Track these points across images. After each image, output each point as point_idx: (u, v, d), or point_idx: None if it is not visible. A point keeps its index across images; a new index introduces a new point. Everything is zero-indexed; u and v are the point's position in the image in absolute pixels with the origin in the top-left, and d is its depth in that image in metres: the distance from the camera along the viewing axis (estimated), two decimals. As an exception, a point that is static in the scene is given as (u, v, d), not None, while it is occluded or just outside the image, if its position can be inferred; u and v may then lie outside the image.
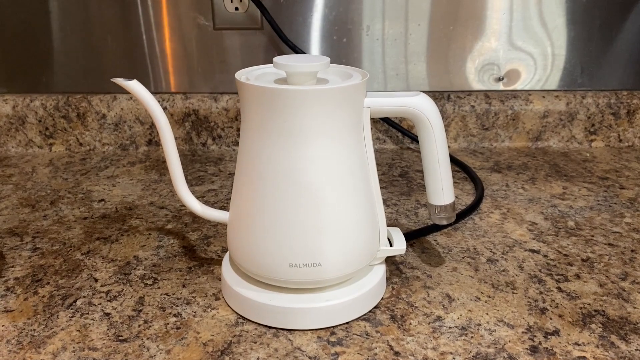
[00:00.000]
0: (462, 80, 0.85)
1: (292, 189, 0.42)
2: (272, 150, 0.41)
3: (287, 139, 0.41)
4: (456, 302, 0.48)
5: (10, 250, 0.56)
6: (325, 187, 0.42)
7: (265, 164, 0.42)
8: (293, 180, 0.41)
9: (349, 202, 0.43)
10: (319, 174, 0.42)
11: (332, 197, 0.42)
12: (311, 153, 0.41)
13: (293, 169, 0.41)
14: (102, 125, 0.84)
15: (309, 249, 0.42)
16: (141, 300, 0.48)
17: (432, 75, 0.85)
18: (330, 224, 0.42)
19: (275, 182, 0.42)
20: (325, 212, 0.42)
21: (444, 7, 0.81)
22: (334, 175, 0.42)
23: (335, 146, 0.42)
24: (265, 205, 0.42)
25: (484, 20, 0.82)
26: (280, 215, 0.42)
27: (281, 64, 0.42)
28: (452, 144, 0.86)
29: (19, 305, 0.47)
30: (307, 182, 0.41)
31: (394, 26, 0.82)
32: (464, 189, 0.70)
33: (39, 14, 0.81)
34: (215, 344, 0.42)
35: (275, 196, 0.42)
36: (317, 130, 0.41)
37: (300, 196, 0.42)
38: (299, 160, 0.41)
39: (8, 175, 0.75)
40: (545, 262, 0.54)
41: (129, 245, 0.57)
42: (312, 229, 0.42)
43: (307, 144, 0.41)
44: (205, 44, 0.82)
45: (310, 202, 0.42)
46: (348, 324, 0.45)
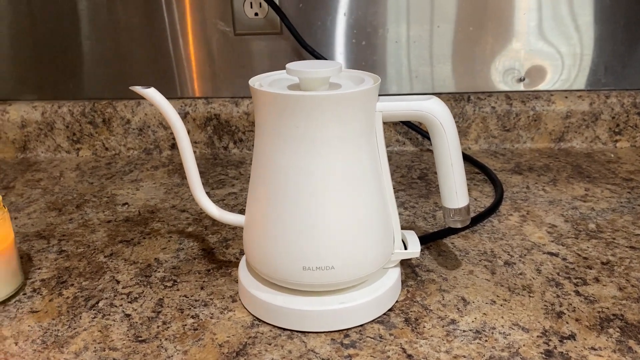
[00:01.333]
0: (483, 82, 0.84)
1: (304, 193, 0.42)
2: (284, 155, 0.42)
3: (299, 144, 0.42)
4: (471, 305, 0.47)
5: (37, 253, 0.58)
6: (337, 192, 0.42)
7: (277, 168, 0.43)
8: (305, 185, 0.42)
9: (362, 206, 0.43)
10: (330, 178, 0.42)
11: (344, 201, 0.43)
12: (322, 158, 0.42)
13: (305, 174, 0.42)
14: (127, 130, 0.86)
15: (322, 252, 0.43)
16: (160, 301, 0.49)
17: (452, 77, 0.84)
18: (342, 228, 0.43)
19: (288, 186, 0.42)
20: (337, 216, 0.43)
21: (463, 8, 0.81)
22: (346, 180, 0.42)
23: (347, 151, 0.42)
24: (279, 209, 0.43)
25: (504, 21, 0.81)
26: (293, 219, 0.43)
27: (293, 70, 0.43)
28: (473, 145, 0.85)
29: (45, 306, 0.49)
30: (319, 187, 0.42)
31: (413, 28, 0.82)
32: (484, 191, 0.70)
33: (67, 23, 0.83)
34: (231, 345, 0.43)
35: (287, 200, 0.43)
36: (328, 135, 0.41)
37: (313, 200, 0.42)
38: (310, 164, 0.42)
39: (37, 180, 0.78)
40: (564, 265, 0.53)
41: (151, 248, 0.58)
42: (325, 233, 0.43)
43: (318, 148, 0.42)
44: (226, 49, 0.84)
45: (323, 206, 0.42)
46: (362, 326, 0.45)
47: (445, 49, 0.83)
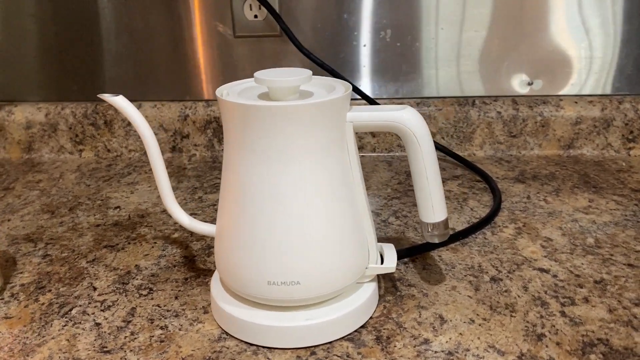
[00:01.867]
0: (489, 85, 0.81)
1: (269, 206, 0.41)
2: (248, 166, 0.41)
3: (262, 155, 0.40)
4: (448, 324, 0.45)
5: (23, 257, 0.58)
6: (303, 205, 0.41)
7: (242, 180, 0.42)
8: (269, 198, 0.41)
9: (330, 220, 0.42)
10: (296, 191, 0.41)
11: (311, 215, 0.41)
12: (287, 170, 0.40)
13: (269, 186, 0.41)
14: (128, 132, 0.86)
15: (287, 267, 0.41)
16: (133, 311, 0.49)
17: (455, 81, 0.82)
18: (308, 243, 0.41)
19: (253, 198, 0.41)
20: (303, 231, 0.41)
21: (467, 10, 0.78)
22: (313, 193, 0.41)
23: (314, 162, 0.41)
24: (244, 221, 0.42)
25: (511, 22, 0.78)
26: (258, 232, 0.41)
27: (261, 78, 0.41)
28: (478, 151, 0.82)
29: (19, 312, 0.49)
30: (283, 200, 0.41)
31: (415, 31, 0.80)
32: (482, 201, 0.67)
33: (71, 28, 0.84)
34: (194, 359, 0.42)
35: (253, 213, 0.41)
36: (292, 146, 0.40)
37: (278, 214, 0.41)
38: (274, 177, 0.40)
39: (37, 181, 0.79)
40: (553, 282, 0.51)
41: (133, 254, 0.58)
42: (290, 248, 0.41)
43: (282, 160, 0.40)
44: (226, 51, 0.83)
45: (288, 220, 0.41)
46: (331, 343, 0.44)
47: (449, 52, 0.80)
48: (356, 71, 0.82)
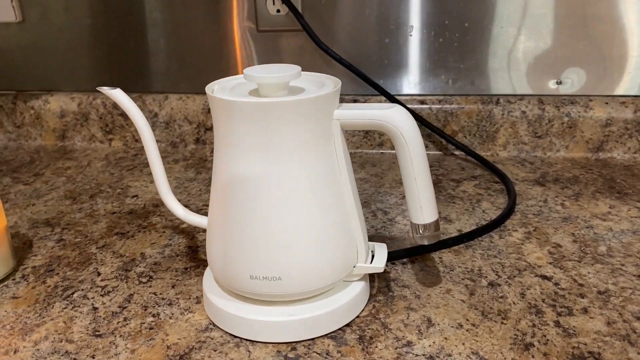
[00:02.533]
0: (515, 84, 0.79)
1: (251, 200, 0.41)
2: (232, 161, 0.41)
3: (245, 150, 0.41)
4: (435, 327, 0.45)
5: (39, 240, 0.61)
6: (285, 201, 0.41)
7: (226, 175, 0.42)
8: (252, 192, 0.41)
9: (312, 218, 0.42)
10: (278, 187, 0.41)
11: (292, 211, 0.41)
12: (269, 166, 0.41)
13: (251, 181, 0.41)
14: (155, 123, 0.88)
15: (268, 262, 0.42)
16: (130, 297, 0.50)
17: (481, 77, 0.79)
18: (290, 239, 0.42)
19: (236, 193, 0.42)
20: (285, 227, 0.41)
21: (495, 5, 0.75)
22: (295, 189, 0.41)
23: (297, 159, 0.41)
24: (228, 215, 0.43)
25: (539, 18, 0.75)
26: (241, 226, 0.42)
27: (249, 75, 0.42)
28: (501, 151, 0.80)
29: (26, 293, 0.52)
30: (265, 195, 0.41)
31: (440, 26, 0.78)
32: (495, 203, 0.66)
33: (100, 21, 0.87)
34: (178, 347, 0.43)
35: (236, 207, 0.42)
36: (274, 142, 0.40)
37: (260, 209, 0.41)
38: (256, 172, 0.41)
39: (66, 168, 0.82)
40: (553, 290, 0.49)
41: (141, 242, 0.60)
42: (272, 243, 0.41)
43: (265, 156, 0.40)
44: (249, 46, 0.84)
45: (270, 216, 0.41)
46: (313, 340, 0.44)
47: (473, 48, 0.78)
48: (378, 67, 0.81)
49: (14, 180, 0.79)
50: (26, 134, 0.93)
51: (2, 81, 0.94)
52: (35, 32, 0.90)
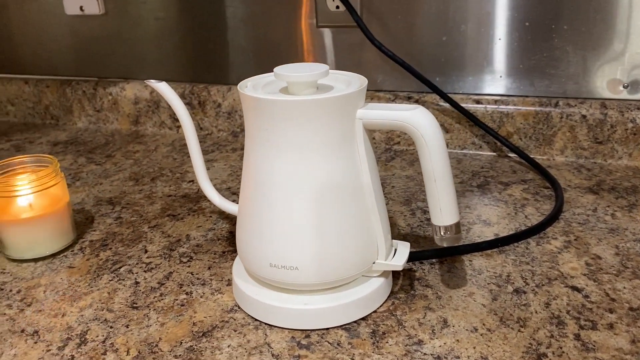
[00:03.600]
0: (577, 86, 0.76)
1: (274, 193, 0.44)
2: (258, 154, 0.44)
3: (270, 144, 0.43)
4: (449, 329, 0.45)
5: (100, 217, 0.67)
6: (304, 195, 0.43)
7: (252, 167, 0.45)
8: (275, 185, 0.43)
9: (331, 213, 0.43)
10: (299, 182, 0.43)
11: (311, 205, 0.43)
12: (290, 160, 0.43)
13: (275, 174, 0.43)
14: (218, 113, 0.93)
15: (287, 252, 0.44)
16: (169, 275, 0.54)
17: (541, 79, 0.77)
18: (308, 232, 0.43)
19: (261, 185, 0.44)
20: (303, 220, 0.43)
21: (557, 5, 0.73)
22: (315, 185, 0.43)
23: (319, 155, 0.43)
24: (253, 205, 0.45)
25: (605, 19, 0.71)
26: (264, 216, 0.44)
27: (278, 73, 0.44)
28: (558, 156, 0.77)
29: (81, 264, 0.57)
30: (286, 188, 0.43)
31: (499, 25, 0.76)
32: (541, 209, 0.64)
33: (173, 14, 0.92)
34: (203, 325, 0.47)
35: (260, 198, 0.44)
36: (296, 139, 0.42)
37: (281, 201, 0.43)
38: (279, 166, 0.43)
39: (135, 151, 0.89)
40: (581, 303, 0.47)
41: (189, 225, 0.64)
42: (291, 234, 0.44)
43: (287, 151, 0.42)
44: (309, 40, 0.86)
45: (290, 208, 0.43)
46: (327, 330, 0.46)
47: (534, 49, 0.76)
48: (435, 64, 0.81)
49: (88, 160, 0.86)
50: (104, 118, 1.01)
51: (86, 68, 1.02)
52: (115, 24, 0.97)
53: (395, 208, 0.66)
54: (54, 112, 1.05)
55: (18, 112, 1.08)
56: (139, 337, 0.46)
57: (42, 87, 1.04)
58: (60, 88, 1.03)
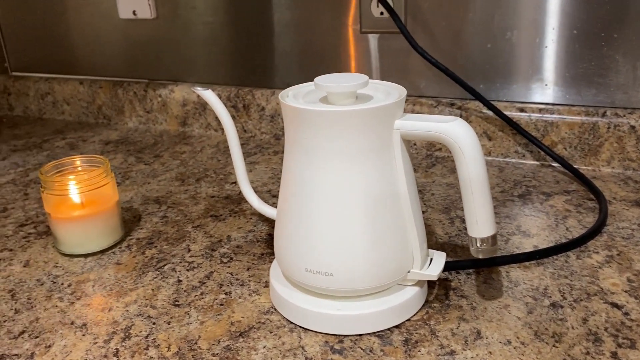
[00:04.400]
0: (625, 96, 0.74)
1: (312, 200, 0.45)
2: (296, 162, 0.45)
3: (309, 152, 0.44)
4: (482, 340, 0.45)
5: (147, 215, 0.70)
6: (341, 203, 0.44)
7: (290, 174, 0.46)
8: (313, 192, 0.45)
9: (367, 221, 0.44)
10: (337, 190, 0.44)
11: (347, 213, 0.44)
12: (329, 169, 0.44)
13: (313, 182, 0.44)
14: (262, 116, 0.95)
15: (322, 258, 0.45)
16: (210, 274, 0.56)
17: (588, 88, 0.75)
18: (343, 239, 0.44)
19: (300, 191, 0.45)
20: (339, 227, 0.44)
21: (606, 11, 0.71)
22: (352, 193, 0.44)
23: (357, 165, 0.43)
24: (292, 211, 0.46)
25: (659, 27, 0.69)
26: (301, 222, 0.46)
27: (319, 84, 0.45)
28: (604, 167, 0.75)
29: (128, 260, 0.60)
30: (324, 196, 0.44)
31: (546, 32, 0.75)
32: (583, 222, 0.63)
33: (221, 19, 0.95)
34: (240, 325, 0.48)
35: (299, 204, 0.46)
36: (336, 148, 0.43)
37: (319, 208, 0.44)
38: (316, 174, 0.44)
39: (182, 152, 0.92)
40: (620, 320, 0.47)
41: (230, 225, 0.66)
42: (326, 241, 0.45)
43: (327, 160, 0.43)
44: (353, 46, 0.87)
45: (327, 215, 0.44)
46: (360, 336, 0.46)
47: (582, 57, 0.74)
48: (479, 72, 0.80)
49: (137, 159, 0.89)
50: (154, 118, 1.05)
51: (138, 70, 1.06)
52: (166, 28, 1.00)
53: (434, 216, 0.66)
54: (106, 112, 1.09)
55: (73, 111, 1.13)
56: (179, 334, 0.48)
57: (95, 87, 1.09)
58: (112, 89, 1.07)
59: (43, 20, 1.12)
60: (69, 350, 0.46)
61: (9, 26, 1.16)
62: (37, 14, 1.12)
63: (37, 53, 1.16)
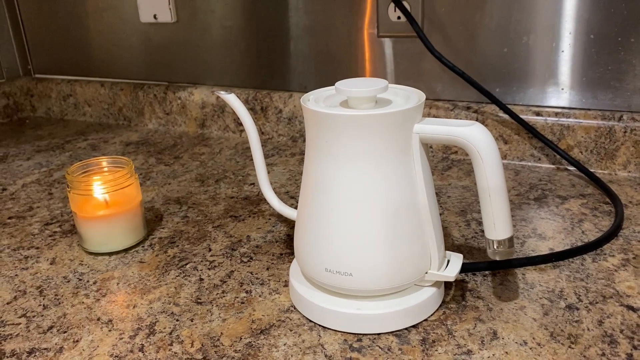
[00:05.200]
0: (643, 100, 0.74)
1: (332, 203, 0.46)
2: (317, 164, 0.46)
3: (330, 155, 0.45)
4: (499, 341, 0.46)
5: (169, 215, 0.72)
6: (361, 205, 0.45)
7: (311, 176, 0.47)
8: (334, 194, 0.46)
9: (386, 223, 0.45)
10: (356, 191, 0.45)
11: (367, 215, 0.45)
12: (350, 172, 0.45)
13: (331, 184, 0.46)
14: (279, 118, 0.96)
15: (342, 258, 0.46)
16: (231, 273, 0.58)
17: (604, 92, 0.76)
18: (363, 240, 0.45)
19: (321, 193, 0.47)
20: (359, 228, 0.45)
21: (622, 16, 0.71)
22: (371, 195, 0.45)
23: (377, 167, 0.45)
24: (312, 212, 0.48)
25: (676, 32, 0.70)
26: (322, 223, 0.47)
27: (340, 89, 0.46)
28: (621, 171, 0.76)
29: (150, 259, 0.61)
30: (345, 198, 0.45)
31: (562, 36, 0.75)
32: (599, 225, 0.63)
33: (240, 23, 0.96)
34: (261, 323, 0.50)
35: (319, 206, 0.47)
36: (357, 151, 0.44)
37: (339, 210, 0.46)
38: (339, 176, 0.45)
39: (201, 153, 0.93)
40: (636, 323, 0.47)
41: (249, 226, 0.68)
42: (346, 241, 0.46)
43: (348, 162, 0.45)
44: (369, 50, 0.88)
45: (347, 217, 0.45)
46: (378, 335, 0.47)
47: (599, 61, 0.75)
48: (495, 75, 0.81)
49: (157, 160, 0.91)
50: (173, 120, 1.07)
51: (158, 73, 1.08)
52: (186, 31, 1.02)
53: (450, 218, 0.67)
54: (126, 113, 1.11)
55: (94, 112, 1.15)
56: (202, 331, 0.49)
57: (116, 89, 1.11)
58: (133, 91, 1.09)
59: (65, 24, 1.14)
60: (96, 345, 0.48)
61: (32, 29, 1.19)
62: (60, 18, 1.14)
63: (59, 56, 1.18)
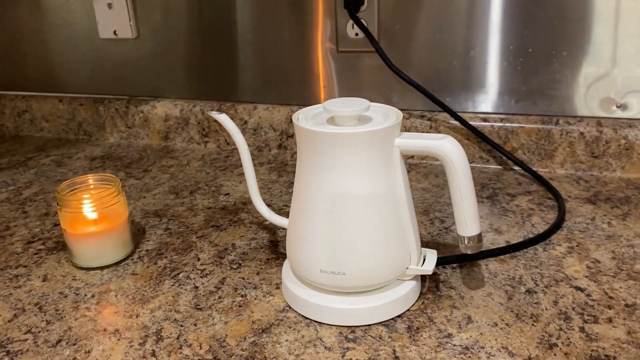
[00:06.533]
0: (574, 106, 0.84)
1: (325, 210, 0.51)
2: (308, 176, 0.52)
3: (321, 167, 0.51)
4: (473, 324, 0.53)
5: (150, 228, 0.75)
6: (351, 212, 0.51)
7: (303, 186, 0.52)
8: (326, 202, 0.51)
9: (373, 226, 0.51)
10: (347, 200, 0.51)
11: (357, 221, 0.51)
12: (339, 182, 0.50)
13: (325, 193, 0.51)
14: (245, 129, 1.01)
15: (336, 259, 0.52)
16: (223, 280, 0.62)
17: (541, 99, 0.85)
18: (354, 243, 0.51)
19: (313, 201, 0.52)
20: (350, 232, 0.51)
21: (556, 32, 0.81)
22: (360, 203, 0.51)
23: (363, 178, 0.50)
24: (305, 219, 0.53)
25: (600, 44, 0.80)
26: (316, 229, 0.52)
27: (327, 108, 0.52)
28: (559, 169, 0.85)
29: (142, 271, 0.65)
30: (337, 206, 0.51)
31: (505, 50, 0.84)
32: (546, 218, 0.72)
33: (200, 39, 1.00)
34: (261, 323, 0.54)
35: (312, 213, 0.52)
36: (345, 163, 0.50)
37: (331, 216, 0.51)
38: (329, 186, 0.51)
39: (169, 166, 0.96)
40: (584, 301, 0.55)
41: (232, 234, 0.72)
42: (340, 244, 0.51)
43: (335, 174, 0.50)
44: (330, 64, 0.94)
45: (339, 223, 0.51)
46: (369, 326, 0.53)
47: (537, 72, 0.84)
48: (446, 86, 0.89)
49: (127, 174, 0.93)
50: (135, 134, 1.08)
51: (119, 87, 1.10)
52: (147, 47, 1.04)
53: (416, 218, 0.74)
54: (87, 128, 1.12)
55: (52, 128, 1.15)
56: (207, 334, 0.53)
57: (75, 105, 1.11)
58: (93, 106, 1.10)
59: (21, 39, 1.13)
60: (108, 354, 0.51)
61: (-18, 45, 1.17)
62: (13, 33, 1.13)
63: (13, 72, 1.17)
